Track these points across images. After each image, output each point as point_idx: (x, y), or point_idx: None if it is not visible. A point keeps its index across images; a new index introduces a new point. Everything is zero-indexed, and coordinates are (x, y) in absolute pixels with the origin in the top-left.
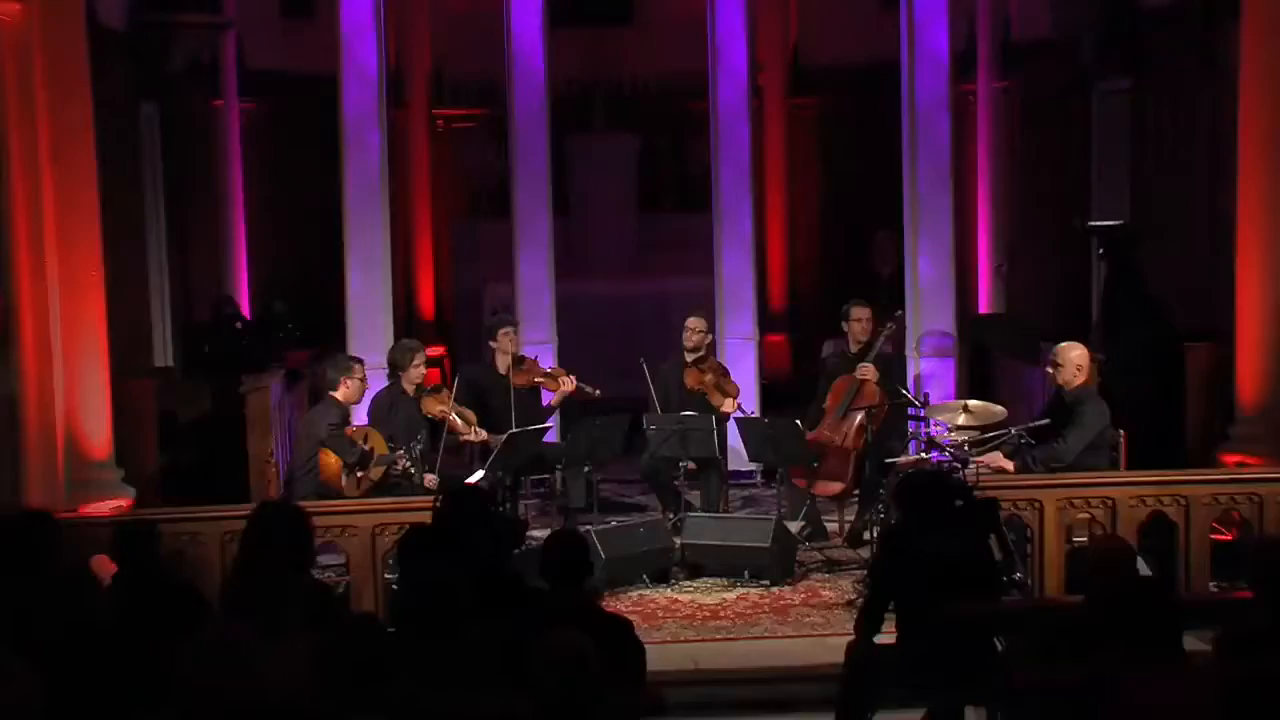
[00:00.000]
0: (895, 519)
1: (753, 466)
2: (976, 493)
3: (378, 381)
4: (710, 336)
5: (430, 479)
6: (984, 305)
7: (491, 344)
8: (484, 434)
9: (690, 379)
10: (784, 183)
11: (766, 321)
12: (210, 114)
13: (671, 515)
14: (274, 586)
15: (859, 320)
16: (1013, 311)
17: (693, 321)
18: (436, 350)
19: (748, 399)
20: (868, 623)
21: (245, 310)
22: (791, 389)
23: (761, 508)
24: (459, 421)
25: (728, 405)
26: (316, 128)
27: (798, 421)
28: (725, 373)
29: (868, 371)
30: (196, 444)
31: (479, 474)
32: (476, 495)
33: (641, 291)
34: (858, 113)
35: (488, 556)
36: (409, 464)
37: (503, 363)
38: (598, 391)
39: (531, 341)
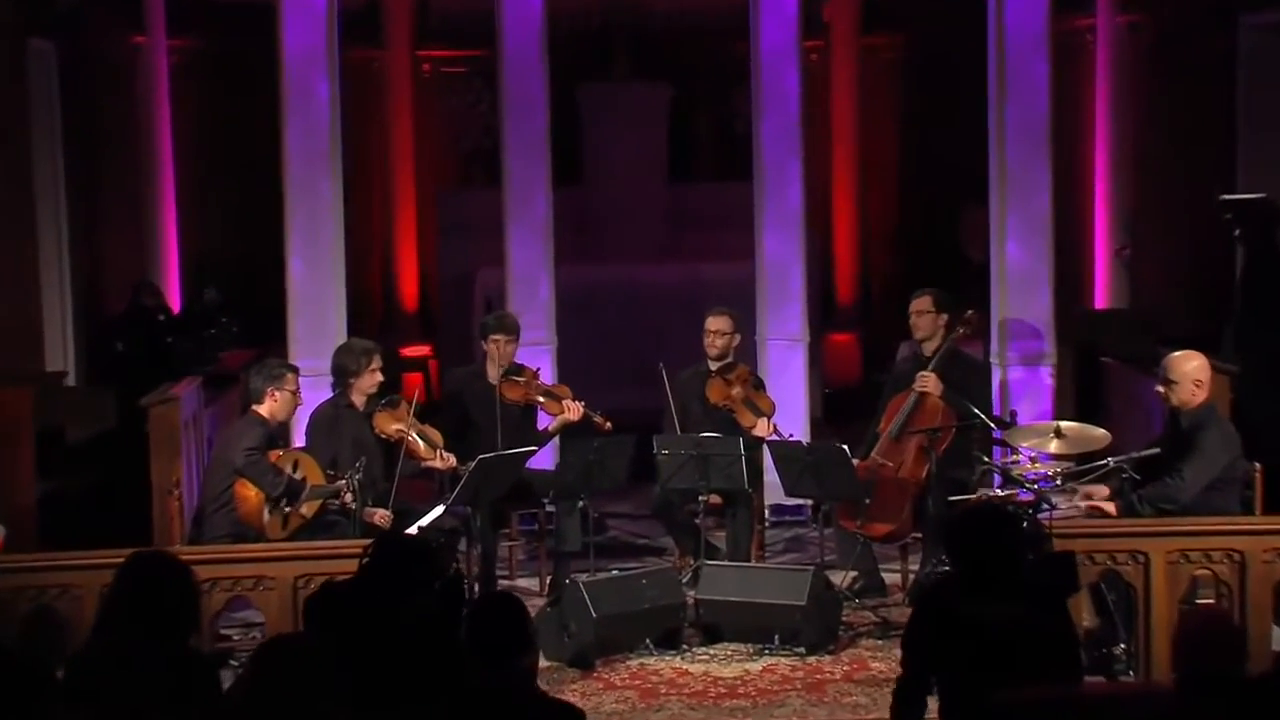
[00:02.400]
0: (941, 572)
1: (802, 501)
2: (1053, 542)
3: (321, 394)
4: (737, 338)
5: (380, 515)
6: (1100, 299)
7: (484, 345)
8: (451, 459)
9: (714, 393)
10: (854, 143)
11: (832, 316)
12: (128, 53)
13: (691, 562)
14: (132, 663)
15: (916, 314)
16: (1137, 308)
17: (713, 322)
18: (419, 350)
19: (794, 415)
20: (903, 708)
21: (173, 299)
22: (861, 399)
23: (809, 553)
24: (420, 444)
25: (760, 427)
26: (265, 71)
27: (843, 446)
28: (758, 385)
29: (928, 383)
30: (92, 468)
31: (438, 510)
32: (410, 545)
33: (670, 279)
34: (947, 54)
35: (422, 624)
36: (350, 496)
37: (494, 371)
38: (608, 424)
39: (527, 342)
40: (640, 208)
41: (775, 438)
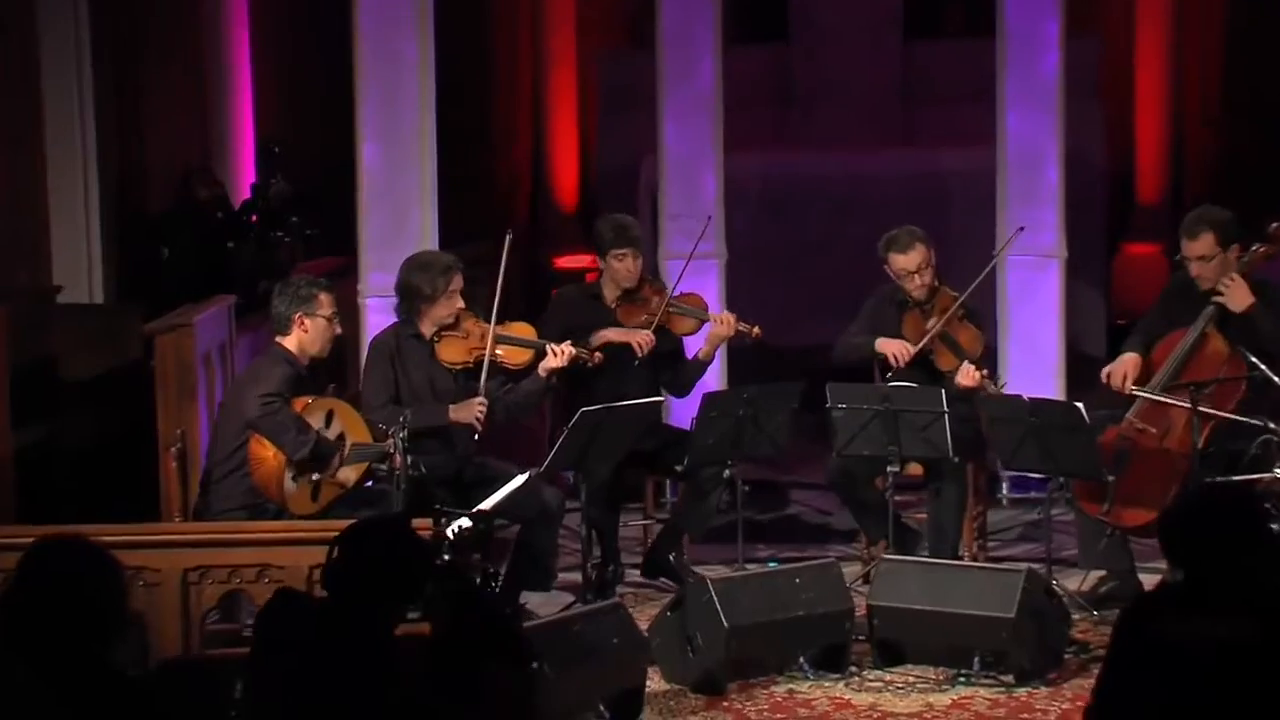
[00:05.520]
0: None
1: None
2: None
3: (389, 318)
4: (930, 271)
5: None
6: None
7: (601, 263)
8: (566, 348)
9: (910, 327)
10: None
11: (1130, 221)
12: None
13: (881, 553)
14: (26, 689)
15: (1196, 260)
16: None
17: (902, 259)
18: (579, 260)
19: (1040, 361)
20: None
21: (241, 191)
22: None
23: (1051, 544)
24: (511, 350)
25: (965, 375)
26: None
27: (1076, 405)
28: (967, 317)
29: (1236, 293)
30: (103, 411)
31: (518, 480)
32: (403, 537)
33: (901, 171)
34: None
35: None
36: (396, 454)
37: (611, 292)
38: (756, 329)
39: (679, 254)
40: (864, 74)
41: (992, 389)
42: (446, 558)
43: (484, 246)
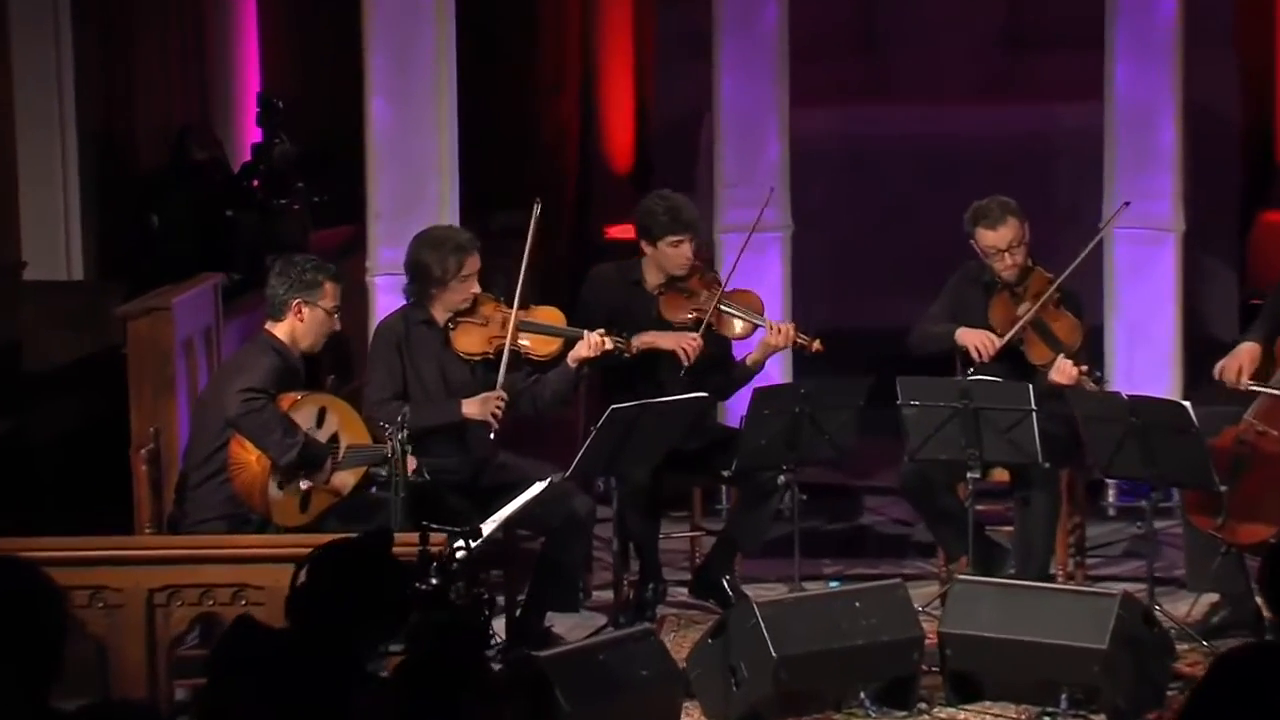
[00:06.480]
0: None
1: None
2: None
3: (401, 299)
4: (1022, 249)
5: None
6: None
7: (645, 248)
8: (597, 338)
9: (997, 313)
10: None
11: (1271, 187)
12: None
13: (960, 572)
14: None
15: None
16: None
17: (991, 235)
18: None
19: (1153, 351)
20: None
21: (242, 152)
22: None
23: (1163, 564)
24: (536, 339)
25: (1061, 370)
26: None
27: (1183, 403)
28: (1064, 302)
29: None
30: (77, 403)
31: (538, 486)
32: (380, 559)
33: (1003, 128)
34: None
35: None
36: (412, 462)
37: (654, 278)
38: (817, 343)
39: (736, 227)
40: (958, 15)
41: (1092, 386)
42: (434, 582)
43: (520, 215)
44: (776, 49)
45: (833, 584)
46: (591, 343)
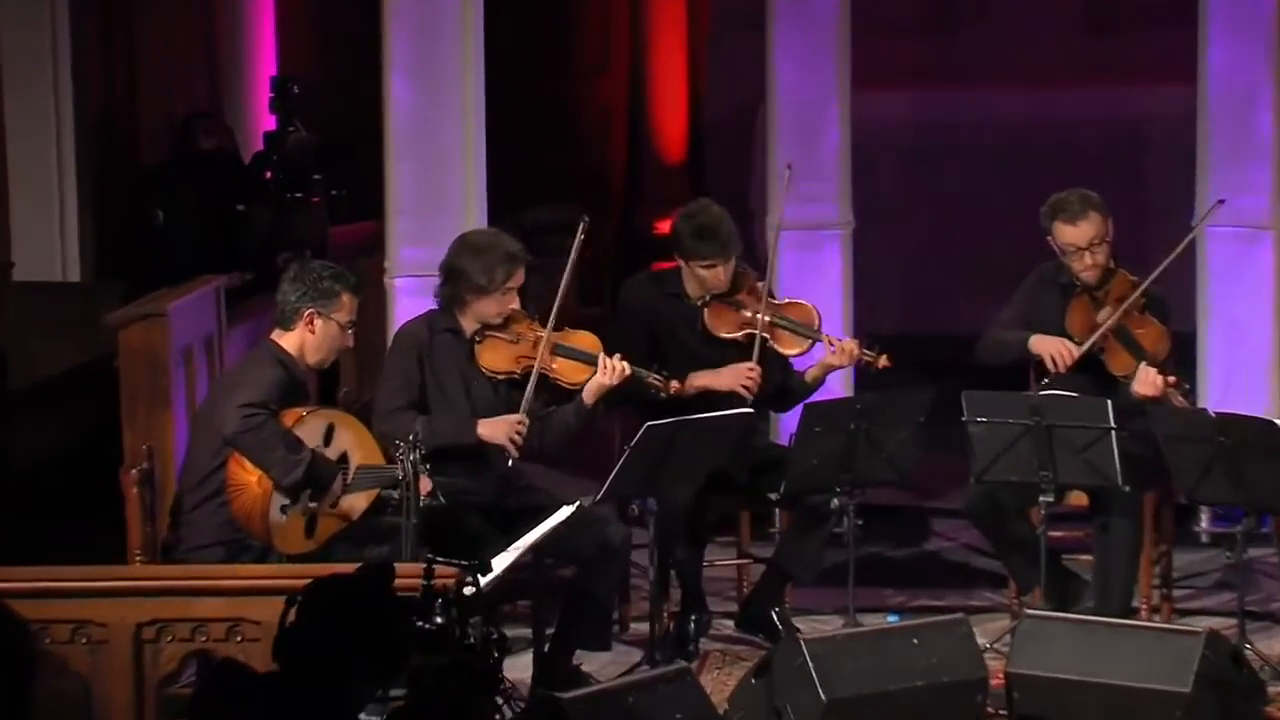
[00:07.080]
0: None
1: None
2: None
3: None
4: (1104, 249)
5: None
6: None
7: (682, 265)
8: (623, 366)
9: (1076, 318)
10: None
11: None
12: None
13: (1033, 604)
14: None
15: None
16: None
17: (1071, 231)
18: None
19: (1249, 363)
20: None
21: (255, 141)
22: None
23: (1258, 596)
24: (567, 364)
25: (1145, 381)
26: None
27: (1275, 421)
28: (1150, 308)
29: None
30: (64, 418)
31: (564, 511)
32: (378, 595)
33: (1088, 113)
34: None
35: None
36: (408, 480)
37: (695, 288)
38: (884, 358)
39: (795, 224)
40: None
41: (1180, 401)
42: (439, 620)
43: (559, 210)
44: (837, 27)
45: (891, 618)
46: (610, 368)
